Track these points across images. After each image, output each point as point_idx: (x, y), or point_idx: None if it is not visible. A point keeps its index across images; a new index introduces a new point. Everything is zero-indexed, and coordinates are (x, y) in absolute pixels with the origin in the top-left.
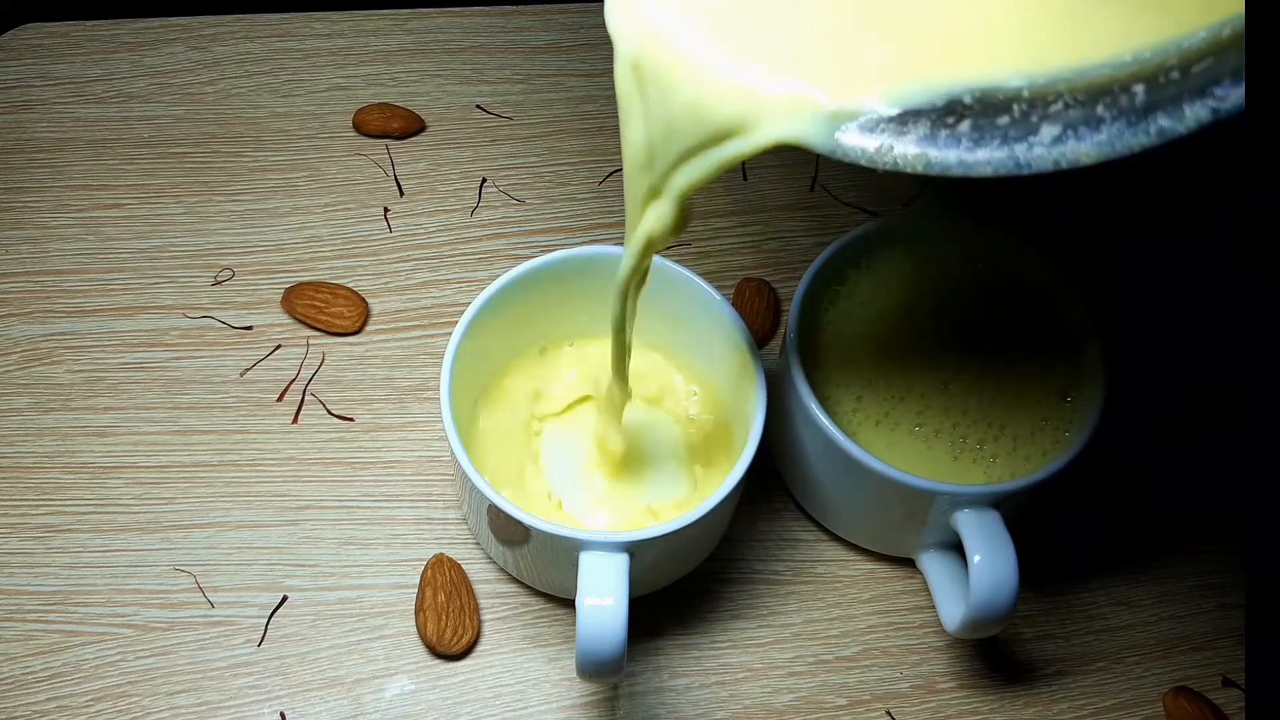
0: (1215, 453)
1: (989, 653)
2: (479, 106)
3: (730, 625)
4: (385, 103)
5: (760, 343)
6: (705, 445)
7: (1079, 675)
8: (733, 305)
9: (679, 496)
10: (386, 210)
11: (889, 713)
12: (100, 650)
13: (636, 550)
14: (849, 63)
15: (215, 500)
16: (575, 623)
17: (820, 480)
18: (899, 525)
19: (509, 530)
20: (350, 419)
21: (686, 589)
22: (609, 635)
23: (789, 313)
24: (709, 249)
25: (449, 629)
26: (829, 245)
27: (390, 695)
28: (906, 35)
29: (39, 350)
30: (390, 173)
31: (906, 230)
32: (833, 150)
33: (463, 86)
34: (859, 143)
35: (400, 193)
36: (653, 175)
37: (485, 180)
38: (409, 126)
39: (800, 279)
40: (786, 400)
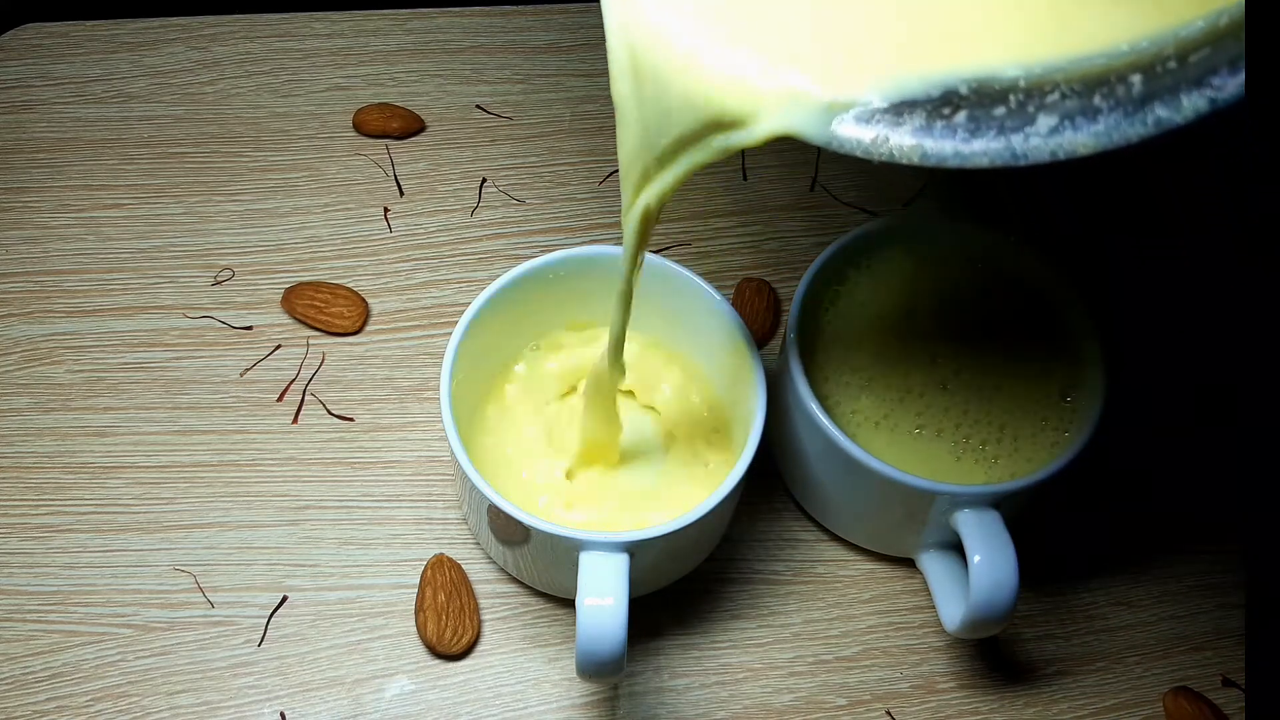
0: (1215, 453)
1: (989, 653)
2: (479, 106)
3: (730, 625)
4: (385, 103)
5: (760, 343)
6: (705, 444)
7: (1079, 675)
8: (733, 305)
9: (678, 489)
10: (386, 210)
11: (889, 713)
12: (100, 650)
13: (636, 550)
14: (844, 53)
15: (215, 500)
16: (575, 623)
17: (820, 480)
18: (899, 525)
19: (509, 530)
20: (350, 419)
21: (686, 589)
22: (609, 635)
23: (789, 313)
24: (709, 249)
25: (449, 629)
26: (829, 245)
27: (390, 695)
28: (902, 25)
29: (39, 350)
30: (390, 173)
31: (907, 230)
32: (828, 142)
33: (463, 86)
34: (855, 134)
35: (400, 193)
36: (648, 160)
37: (485, 180)
38: (409, 126)
39: (800, 279)
40: (786, 400)
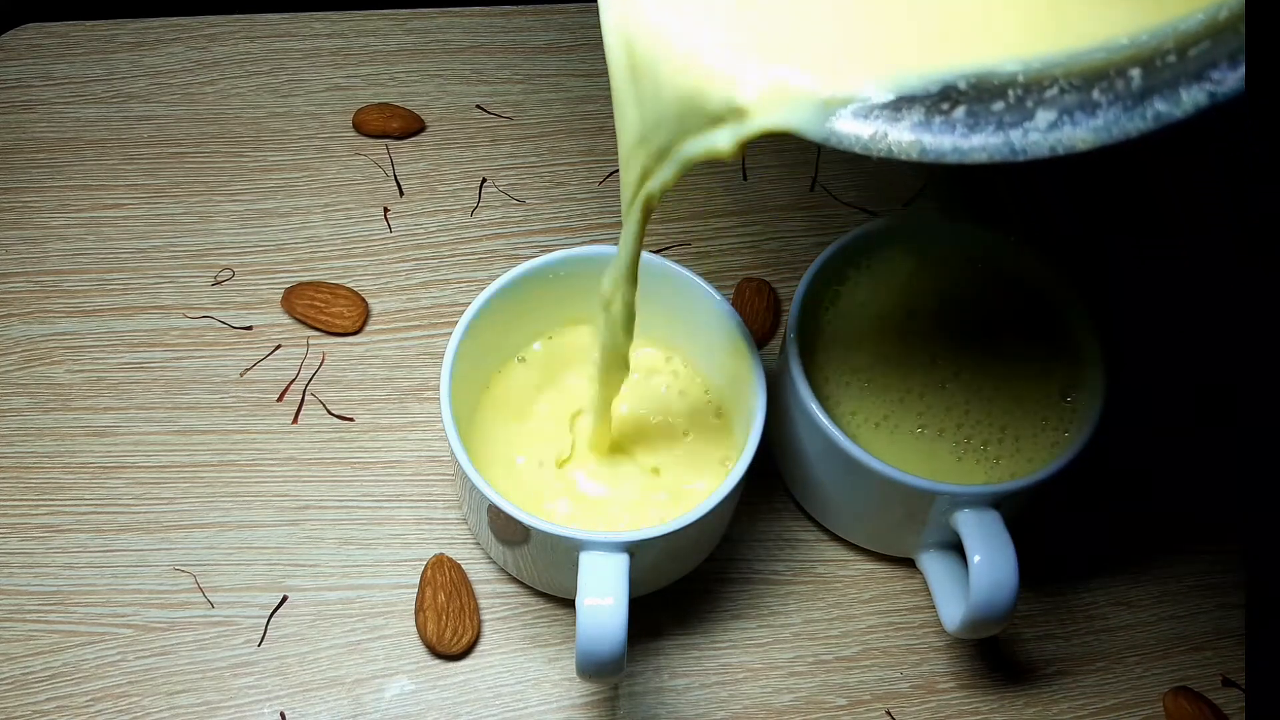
0: (1215, 453)
1: (989, 653)
2: (479, 106)
3: (730, 625)
4: (385, 103)
5: (760, 343)
6: (705, 444)
7: (1079, 675)
8: (733, 305)
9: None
10: (386, 210)
11: (889, 713)
12: (100, 650)
13: (636, 550)
14: (842, 49)
15: (215, 500)
16: (575, 623)
17: (820, 480)
18: (899, 525)
19: (509, 530)
20: (350, 419)
21: (686, 589)
22: (609, 635)
23: (789, 313)
24: (709, 249)
25: (449, 629)
26: (829, 245)
27: (390, 695)
28: (900, 20)
29: (39, 350)
30: (390, 173)
31: (907, 230)
32: (826, 138)
33: (463, 86)
34: (853, 129)
35: (400, 193)
36: (646, 155)
37: (485, 180)
38: (409, 126)
39: (800, 279)
40: (786, 400)
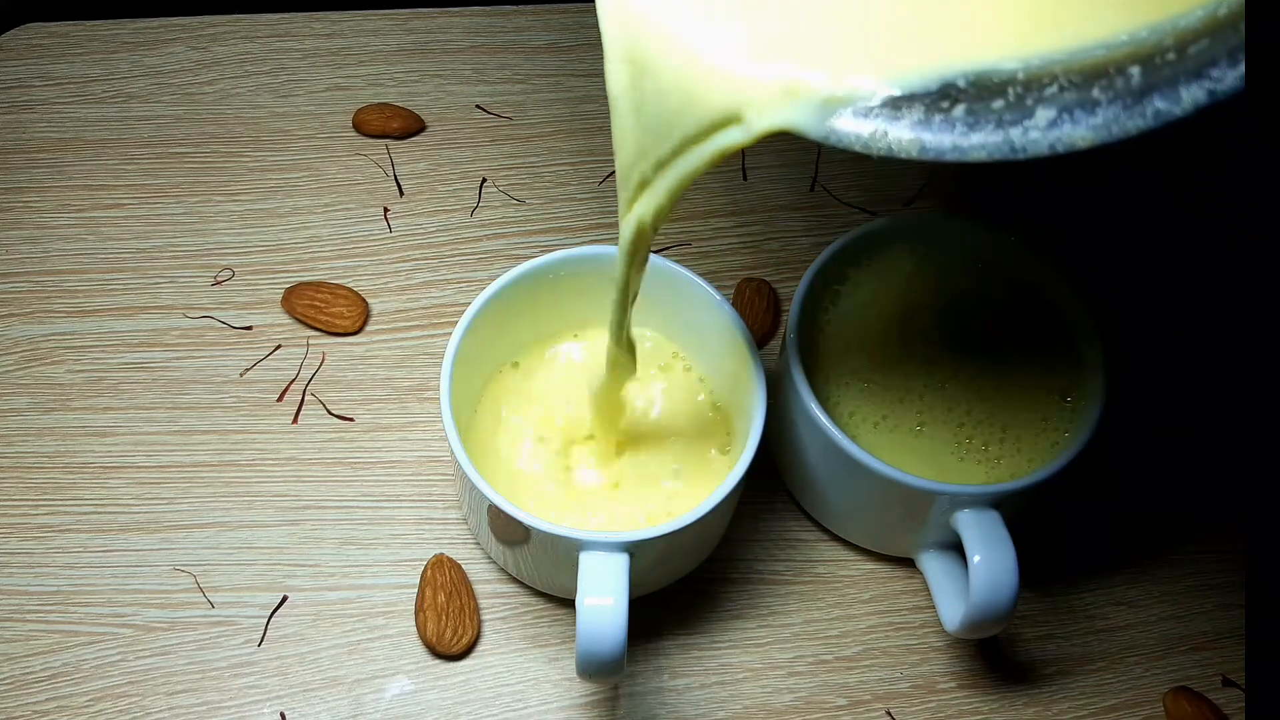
0: (1215, 453)
1: (989, 653)
2: (479, 106)
3: (730, 625)
4: (385, 103)
5: (760, 343)
6: (705, 444)
7: (1079, 675)
8: (733, 305)
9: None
10: (386, 210)
11: (889, 713)
12: (100, 650)
13: (636, 550)
14: (841, 47)
15: (215, 500)
16: (575, 623)
17: (820, 480)
18: (899, 525)
19: (509, 530)
20: (350, 419)
21: (686, 589)
22: (609, 635)
23: (789, 313)
24: (709, 249)
25: (449, 629)
26: (829, 245)
27: (390, 695)
28: (900, 18)
29: (39, 350)
30: (390, 173)
31: (907, 230)
32: (826, 136)
33: (463, 86)
34: (853, 128)
35: (400, 193)
36: (646, 165)
37: (485, 180)
38: (409, 126)
39: (800, 279)
40: (786, 400)
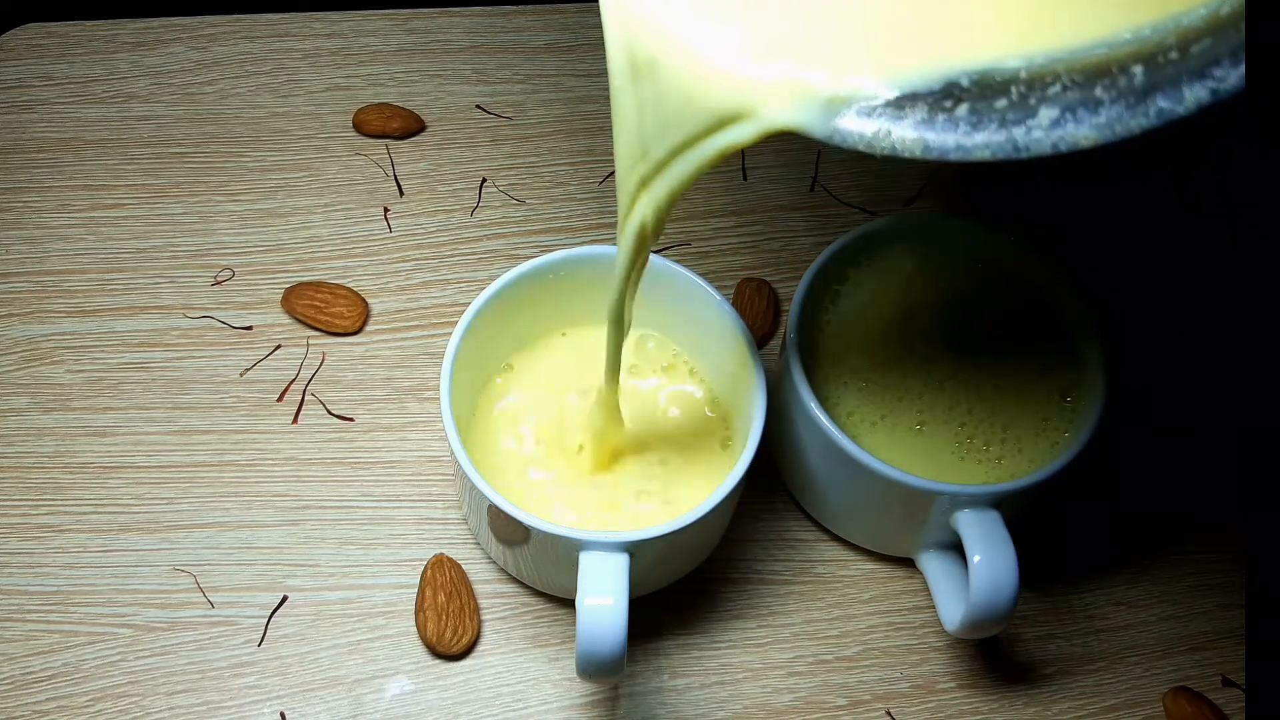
0: (1215, 453)
1: (989, 653)
2: (479, 106)
3: (730, 625)
4: (385, 103)
5: (760, 343)
6: (705, 445)
7: (1079, 675)
8: (733, 305)
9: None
10: (386, 210)
11: (889, 713)
12: (100, 650)
13: (636, 550)
14: (845, 47)
15: (215, 500)
16: (575, 623)
17: (820, 480)
18: (899, 525)
19: (509, 530)
20: (350, 419)
21: (686, 589)
22: (609, 635)
23: (789, 313)
24: (709, 249)
25: (449, 629)
26: (829, 245)
27: (390, 695)
28: (903, 17)
29: (39, 350)
30: (390, 173)
31: (907, 230)
32: (830, 136)
33: (463, 86)
34: (857, 127)
35: (400, 193)
36: (646, 166)
37: (485, 180)
38: (409, 126)
39: (800, 279)
40: (786, 400)
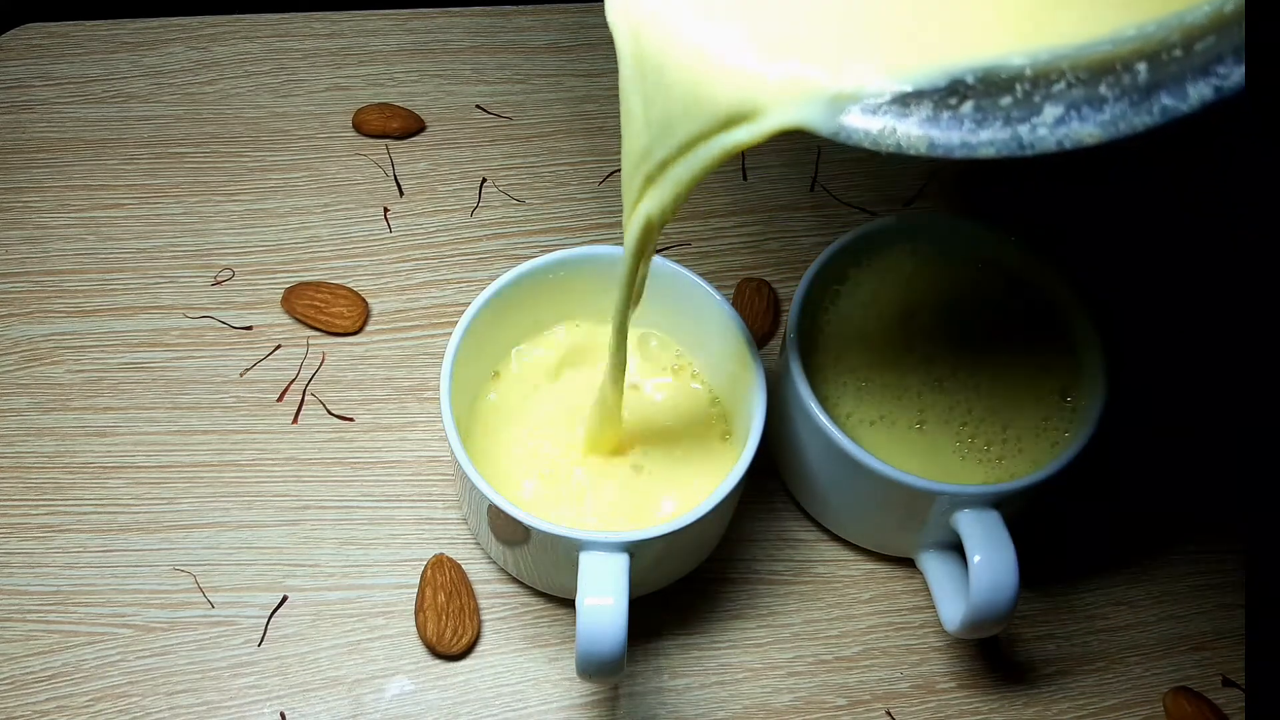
0: (1215, 453)
1: (989, 653)
2: (479, 106)
3: (730, 625)
4: (385, 103)
5: (760, 343)
6: (704, 444)
7: (1079, 675)
8: (733, 305)
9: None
10: (386, 210)
11: (889, 713)
12: (100, 650)
13: (636, 550)
14: (850, 44)
15: (215, 500)
16: (575, 623)
17: (820, 480)
18: (899, 525)
19: (509, 530)
20: (350, 419)
21: (686, 589)
22: (609, 635)
23: (789, 313)
24: (709, 249)
25: (449, 629)
26: (829, 245)
27: (390, 695)
28: (908, 15)
29: (39, 350)
30: (390, 173)
31: (907, 230)
32: (835, 133)
33: (463, 86)
34: (862, 125)
35: (400, 193)
36: (651, 165)
37: (485, 180)
38: (409, 126)
39: (800, 279)
40: (786, 400)
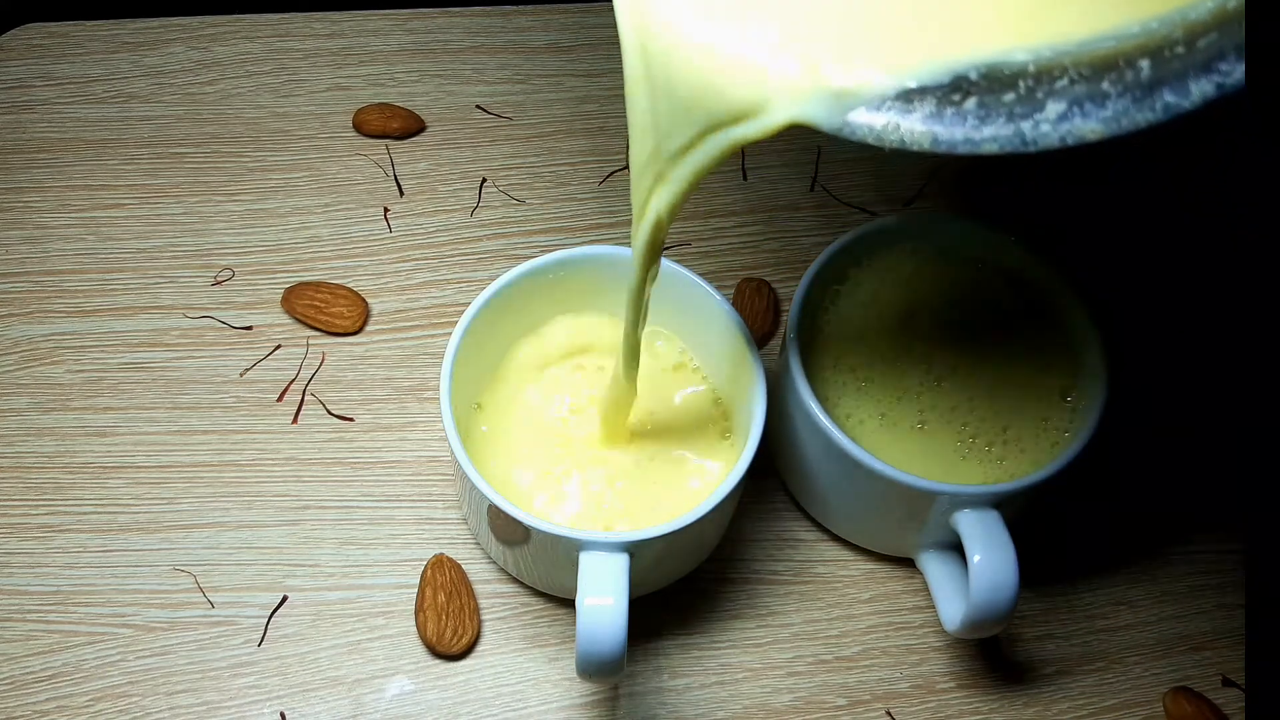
0: (1215, 453)
1: (989, 653)
2: (479, 106)
3: (730, 625)
4: (385, 103)
5: (760, 343)
6: (705, 445)
7: (1079, 675)
8: (733, 305)
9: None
10: (386, 210)
11: (889, 713)
12: (100, 650)
13: (636, 550)
14: (854, 40)
15: (215, 500)
16: (575, 623)
17: (820, 480)
18: (899, 525)
19: (509, 530)
20: (350, 419)
21: (686, 589)
22: (609, 635)
23: (789, 313)
24: (709, 249)
25: (449, 629)
26: (829, 245)
27: (390, 695)
28: (911, 10)
29: (39, 350)
30: (390, 173)
31: (907, 230)
32: (839, 129)
33: (463, 86)
34: (866, 121)
35: (400, 193)
36: (659, 164)
37: (485, 180)
38: (409, 126)
39: (800, 279)
40: (786, 400)
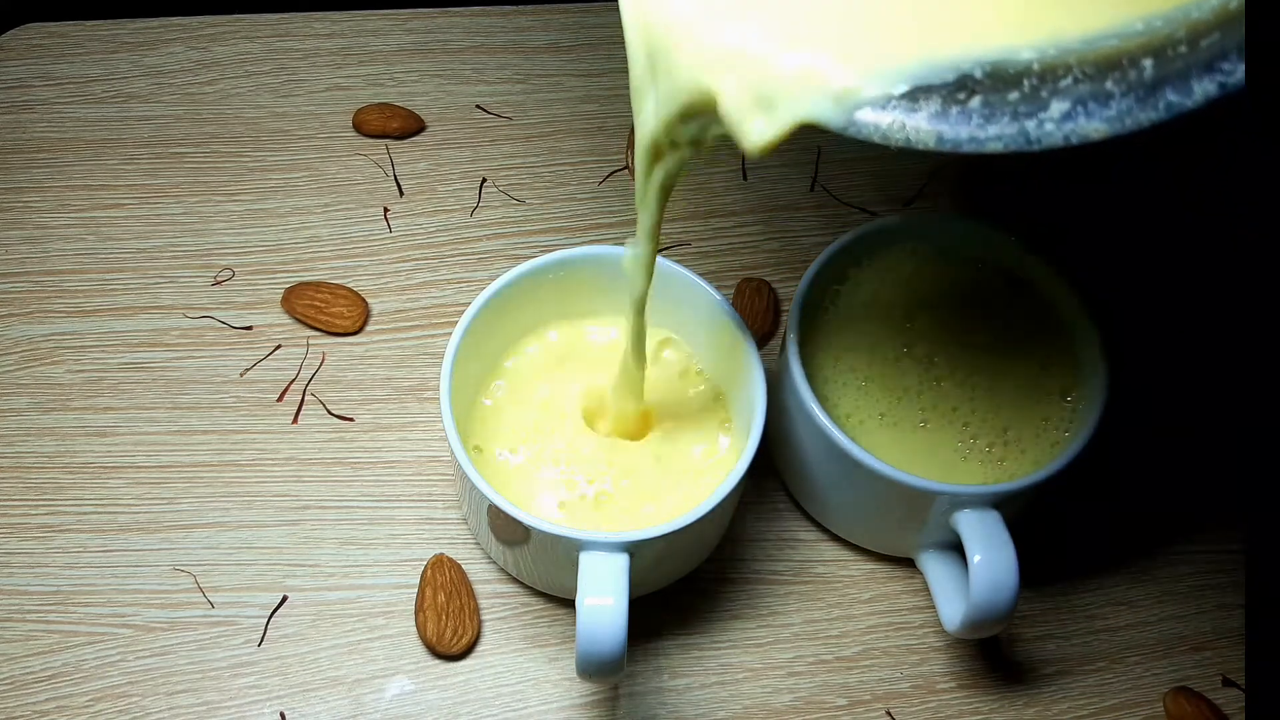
0: (1215, 453)
1: (989, 653)
2: (479, 106)
3: (730, 625)
4: (385, 103)
5: (760, 343)
6: (705, 445)
7: (1079, 675)
8: (733, 305)
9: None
10: (386, 210)
11: (889, 713)
12: (100, 650)
13: (636, 550)
14: (860, 40)
15: (215, 500)
16: (575, 623)
17: (820, 480)
18: (899, 525)
19: (509, 530)
20: (350, 419)
21: (686, 589)
22: (609, 635)
23: (789, 313)
24: (709, 249)
25: (449, 629)
26: (829, 245)
27: (390, 695)
28: (915, 9)
29: (39, 350)
30: (390, 173)
31: (907, 230)
32: (845, 127)
33: (463, 86)
34: (872, 119)
35: (400, 193)
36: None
37: (485, 180)
38: (409, 126)
39: (800, 279)
40: (786, 400)
